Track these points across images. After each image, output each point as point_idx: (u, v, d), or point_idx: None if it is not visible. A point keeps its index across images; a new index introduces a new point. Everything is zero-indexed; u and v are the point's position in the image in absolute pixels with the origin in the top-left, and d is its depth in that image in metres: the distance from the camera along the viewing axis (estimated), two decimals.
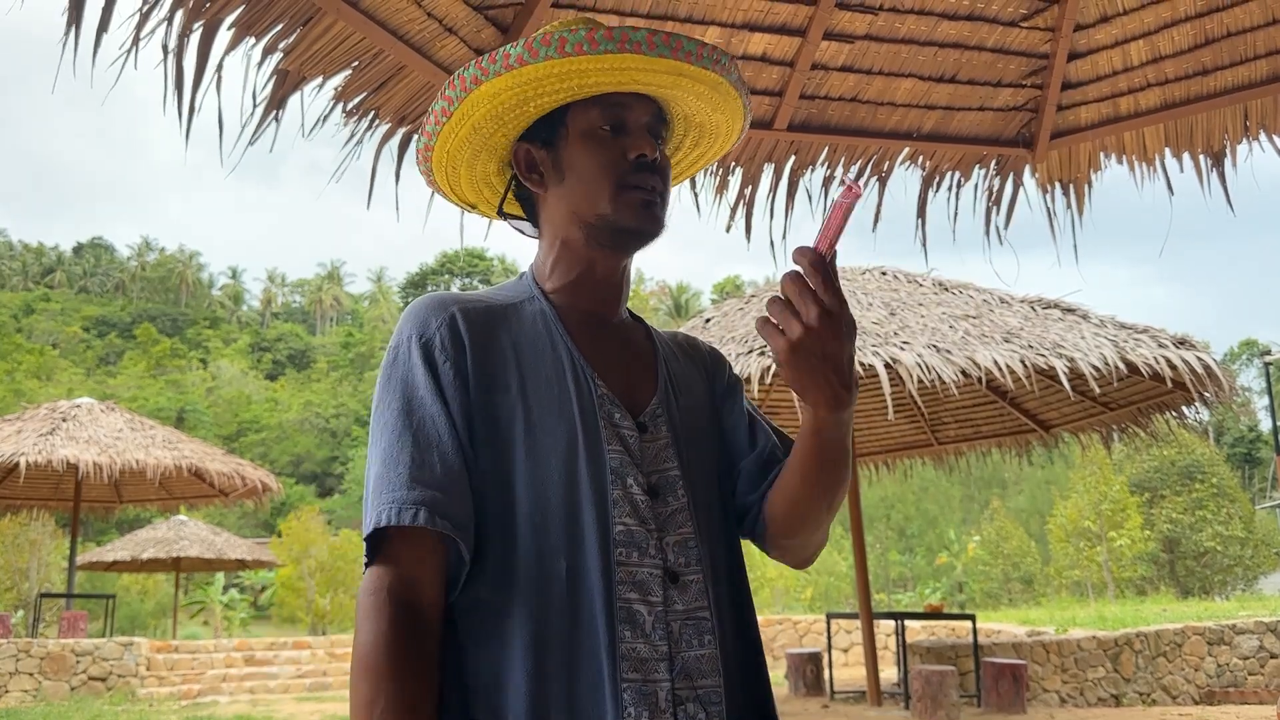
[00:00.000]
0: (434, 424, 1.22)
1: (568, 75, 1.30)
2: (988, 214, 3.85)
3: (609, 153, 1.33)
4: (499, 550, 1.21)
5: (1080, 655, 11.01)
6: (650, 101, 1.37)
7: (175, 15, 2.56)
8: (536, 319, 1.33)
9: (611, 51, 1.26)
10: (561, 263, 1.38)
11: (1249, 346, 74.28)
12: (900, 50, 3.48)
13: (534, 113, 1.36)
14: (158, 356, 72.08)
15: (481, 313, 1.30)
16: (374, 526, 1.17)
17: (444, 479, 1.20)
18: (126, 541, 21.97)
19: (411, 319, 1.29)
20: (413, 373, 1.25)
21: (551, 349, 1.31)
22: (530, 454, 1.24)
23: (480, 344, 1.27)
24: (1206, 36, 3.53)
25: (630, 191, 1.32)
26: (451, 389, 1.24)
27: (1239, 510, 33.16)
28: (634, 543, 1.25)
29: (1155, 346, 7.33)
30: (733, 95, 1.38)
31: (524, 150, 1.40)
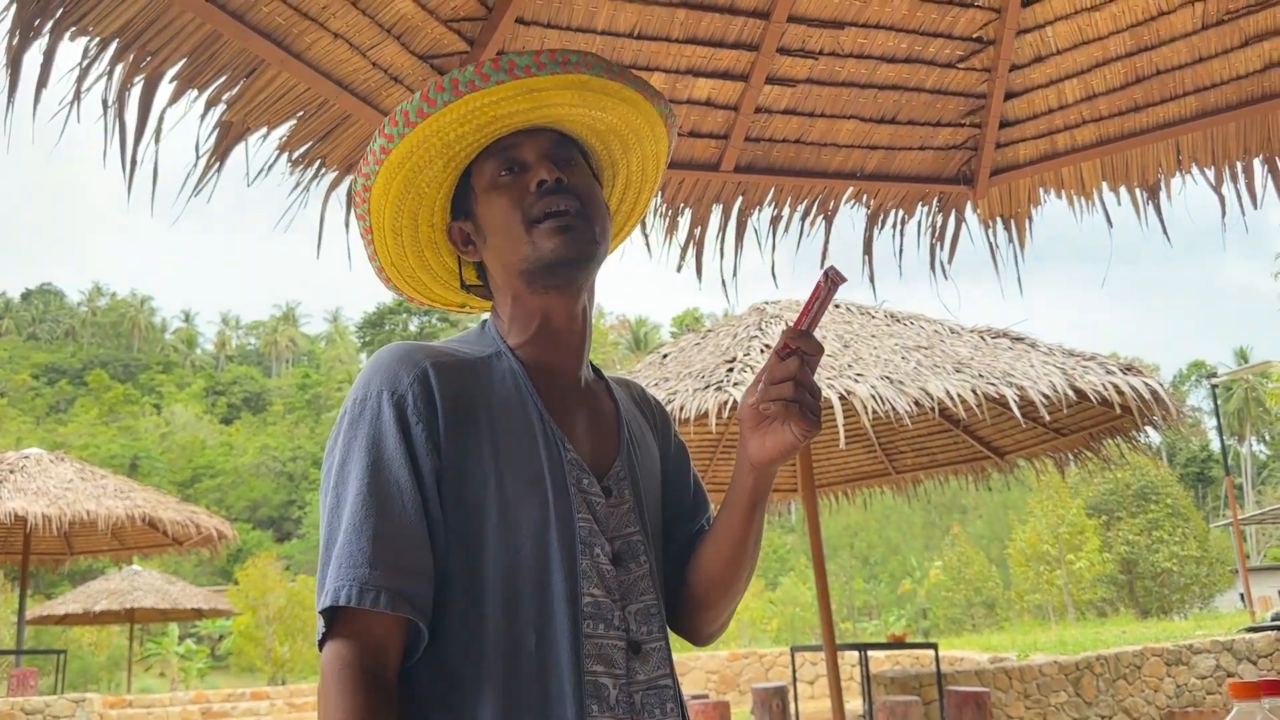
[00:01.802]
0: (401, 493, 1.18)
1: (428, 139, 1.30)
2: (932, 250, 3.91)
3: (512, 195, 1.32)
4: (465, 617, 1.19)
5: (1042, 680, 11.09)
6: (544, 132, 1.36)
7: (115, 69, 2.55)
8: (506, 377, 1.30)
9: (449, 102, 1.26)
10: (518, 318, 1.36)
11: (1197, 368, 75.72)
12: (841, 93, 3.55)
13: (430, 191, 1.36)
14: (110, 403, 70.86)
15: (454, 369, 1.26)
16: (332, 603, 1.14)
17: (408, 558, 1.17)
18: (78, 594, 21.47)
19: (381, 371, 1.24)
20: (382, 432, 1.20)
21: (522, 410, 1.28)
22: (502, 521, 1.21)
23: (453, 404, 1.23)
24: (1137, 75, 3.63)
25: (543, 224, 1.30)
26: (423, 451, 1.20)
27: (1194, 530, 33.69)
28: (600, 615, 1.24)
29: (1103, 373, 7.46)
30: (611, 87, 1.34)
31: (455, 229, 1.40)
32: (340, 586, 1.14)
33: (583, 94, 1.33)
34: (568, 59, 1.29)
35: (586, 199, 1.33)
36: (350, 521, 1.17)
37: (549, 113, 1.34)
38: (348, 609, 1.14)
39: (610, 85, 1.34)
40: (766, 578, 40.41)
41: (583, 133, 1.41)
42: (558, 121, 1.36)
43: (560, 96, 1.32)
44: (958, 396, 7.07)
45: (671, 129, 1.46)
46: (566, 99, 1.33)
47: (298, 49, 2.76)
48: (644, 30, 3.21)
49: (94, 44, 2.48)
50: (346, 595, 1.13)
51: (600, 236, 1.33)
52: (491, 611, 1.19)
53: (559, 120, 1.36)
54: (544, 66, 1.28)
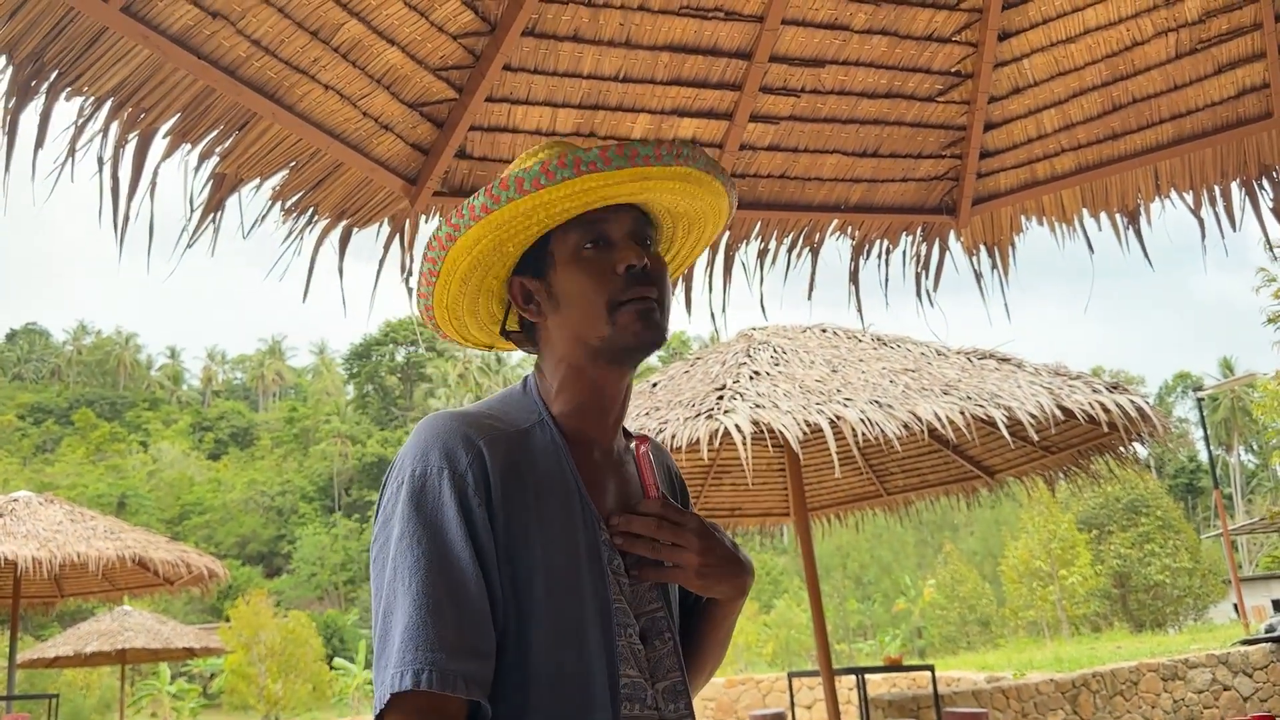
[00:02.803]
0: (466, 576, 1.19)
1: (534, 210, 1.31)
2: (917, 278, 3.97)
3: (598, 271, 1.33)
4: (515, 699, 1.21)
5: (1039, 699, 11.09)
6: (629, 209, 1.37)
7: (110, 127, 2.59)
8: (549, 451, 1.31)
9: (569, 178, 1.27)
10: (568, 386, 1.36)
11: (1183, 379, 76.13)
12: (824, 129, 3.60)
13: (514, 252, 1.37)
14: (97, 442, 70.43)
15: (503, 445, 1.27)
16: (413, 686, 1.13)
17: (478, 642, 1.18)
18: (69, 636, 21.23)
19: (438, 445, 1.25)
20: (443, 512, 1.21)
21: (563, 489, 1.30)
22: (548, 603, 1.23)
23: (504, 486, 1.24)
24: (1114, 103, 3.70)
25: (626, 307, 1.31)
26: (484, 533, 1.21)
27: (1185, 541, 33.77)
28: (635, 695, 1.27)
29: (1089, 392, 7.51)
30: (705, 179, 1.38)
31: (518, 284, 1.39)
32: (420, 670, 1.13)
33: (684, 185, 1.36)
34: (680, 152, 1.32)
35: (663, 286, 1.36)
36: (419, 602, 1.16)
37: (646, 196, 1.37)
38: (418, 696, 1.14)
39: (706, 178, 1.37)
40: (761, 600, 40.30)
41: (660, 212, 1.44)
42: (644, 201, 1.39)
43: (665, 185, 1.35)
44: (946, 418, 7.11)
45: (733, 213, 1.50)
46: (670, 188, 1.36)
47: (289, 101, 2.80)
48: (629, 74, 3.27)
49: (89, 103, 2.51)
50: (428, 680, 1.13)
51: (667, 323, 1.37)
52: (537, 696, 1.21)
53: (646, 201, 1.39)
54: (661, 158, 1.30)
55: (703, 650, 1.48)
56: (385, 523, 1.25)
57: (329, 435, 75.39)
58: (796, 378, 8.10)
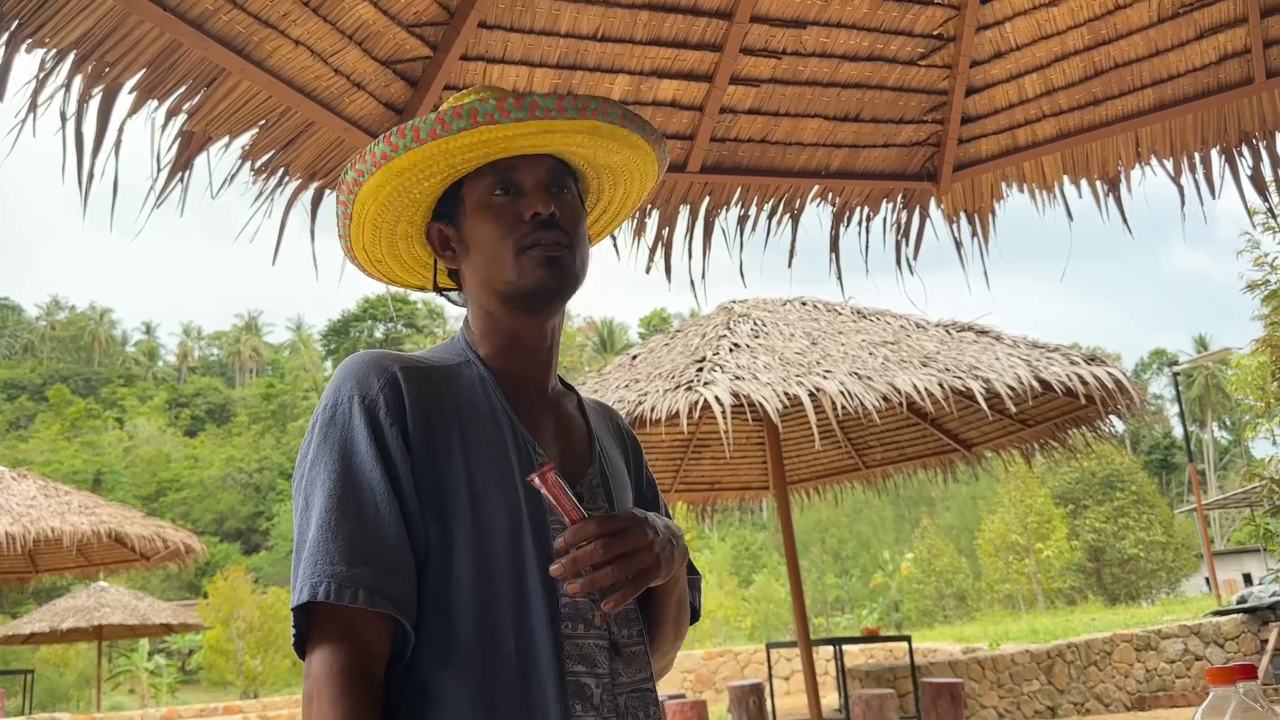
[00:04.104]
0: (375, 494, 1.18)
1: (433, 159, 1.31)
2: (897, 246, 3.94)
3: (504, 218, 1.34)
4: (439, 623, 1.19)
5: (1014, 670, 11.20)
6: (545, 158, 1.37)
7: (73, 81, 2.52)
8: (475, 384, 1.32)
9: (465, 129, 1.27)
10: (489, 331, 1.38)
11: (1159, 356, 76.83)
12: (805, 92, 3.56)
13: (423, 198, 1.37)
14: (72, 418, 69.81)
15: (423, 374, 1.28)
16: (309, 599, 1.13)
17: (387, 557, 1.17)
18: (44, 612, 21.14)
19: (351, 376, 1.25)
20: (353, 434, 1.21)
21: (492, 416, 1.30)
22: (474, 524, 1.21)
23: (423, 407, 1.24)
24: (1096, 68, 3.67)
25: (531, 252, 1.32)
26: (398, 454, 1.21)
27: (1159, 516, 34.17)
28: (579, 615, 1.25)
29: (1067, 364, 7.54)
30: (620, 133, 1.38)
31: (435, 230, 1.41)
32: (317, 582, 1.13)
33: (594, 138, 1.36)
34: (587, 105, 1.31)
35: (574, 232, 1.36)
36: (322, 520, 1.16)
37: (555, 149, 1.37)
38: (328, 608, 1.14)
39: (620, 131, 1.37)
40: (740, 575, 40.53)
41: (579, 163, 1.44)
42: (559, 151, 1.39)
43: (573, 139, 1.35)
44: (925, 391, 7.12)
45: (663, 169, 1.50)
46: (578, 141, 1.36)
47: (258, 57, 2.73)
48: (607, 32, 3.21)
49: (51, 55, 2.44)
50: (325, 591, 1.13)
51: (580, 269, 1.37)
52: (464, 616, 1.19)
53: (560, 152, 1.39)
54: (564, 110, 1.30)
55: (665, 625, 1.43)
56: (302, 459, 1.25)
57: (307, 411, 75.04)
58: (776, 350, 8.09)
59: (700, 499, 11.43)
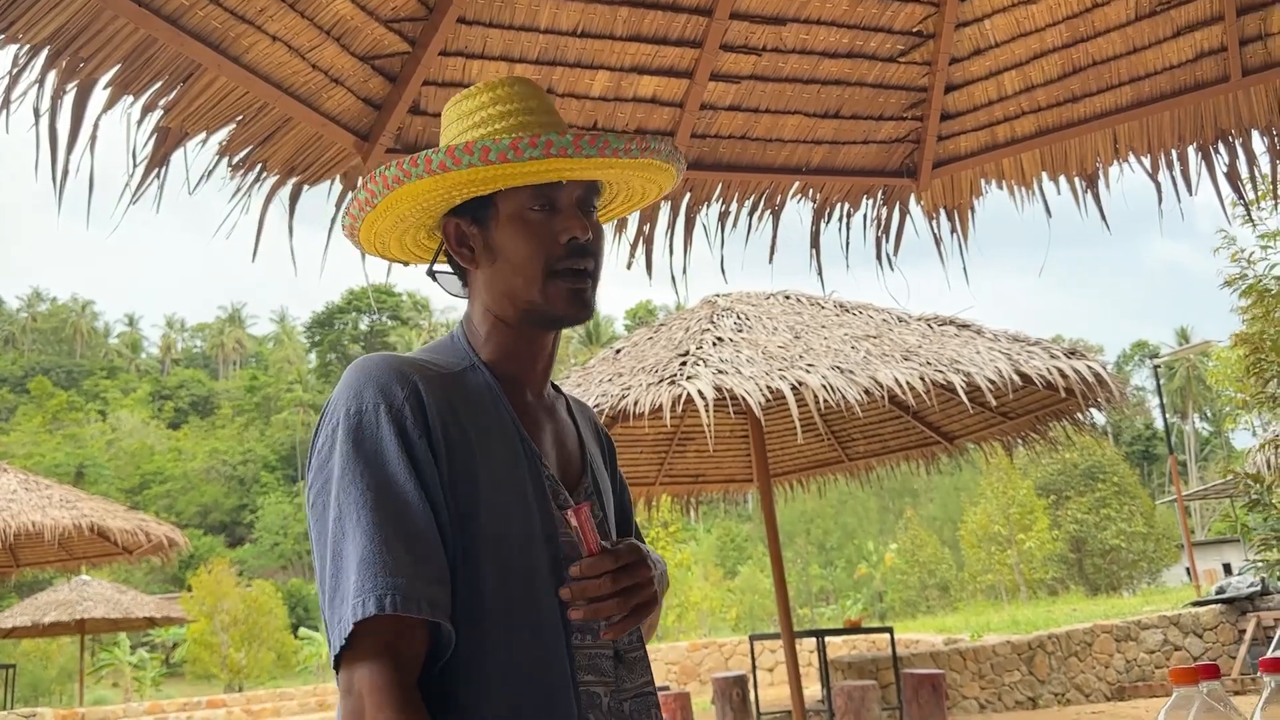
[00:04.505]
0: (410, 504, 1.18)
1: (494, 178, 1.30)
2: (878, 242, 3.95)
3: (540, 236, 1.32)
4: (464, 635, 1.20)
5: (996, 660, 11.27)
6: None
7: (47, 77, 2.50)
8: (483, 391, 1.31)
9: (536, 158, 1.26)
10: (495, 336, 1.37)
11: (1140, 348, 77.28)
12: (785, 89, 3.57)
13: (459, 199, 1.36)
14: (53, 410, 69.32)
15: (440, 383, 1.27)
16: (375, 611, 1.11)
17: (433, 565, 1.17)
18: (26, 606, 21.02)
19: (373, 384, 1.23)
20: (383, 445, 1.19)
21: (500, 426, 1.30)
22: (492, 536, 1.22)
23: (443, 420, 1.24)
24: (1074, 66, 3.69)
25: (561, 279, 1.32)
26: (426, 467, 1.20)
27: (1140, 507, 34.39)
28: (586, 626, 1.27)
29: (1047, 358, 7.58)
30: (664, 167, 1.40)
31: (454, 225, 1.38)
32: (382, 594, 1.11)
33: (644, 171, 1.39)
34: (648, 145, 1.34)
35: (599, 259, 1.38)
36: (369, 533, 1.15)
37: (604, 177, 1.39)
38: (376, 621, 1.12)
39: (665, 166, 1.40)
40: (725, 566, 40.62)
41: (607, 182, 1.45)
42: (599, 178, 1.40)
43: (627, 173, 1.38)
44: (907, 384, 7.15)
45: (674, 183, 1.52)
46: (629, 175, 1.39)
47: (235, 52, 2.72)
48: (587, 28, 3.21)
49: (24, 50, 2.42)
50: (392, 603, 1.11)
51: (595, 299, 1.38)
52: (490, 631, 1.20)
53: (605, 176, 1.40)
54: (629, 152, 1.32)
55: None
56: (323, 465, 1.22)
57: (291, 404, 74.74)
58: (759, 344, 8.10)
59: (685, 492, 11.44)
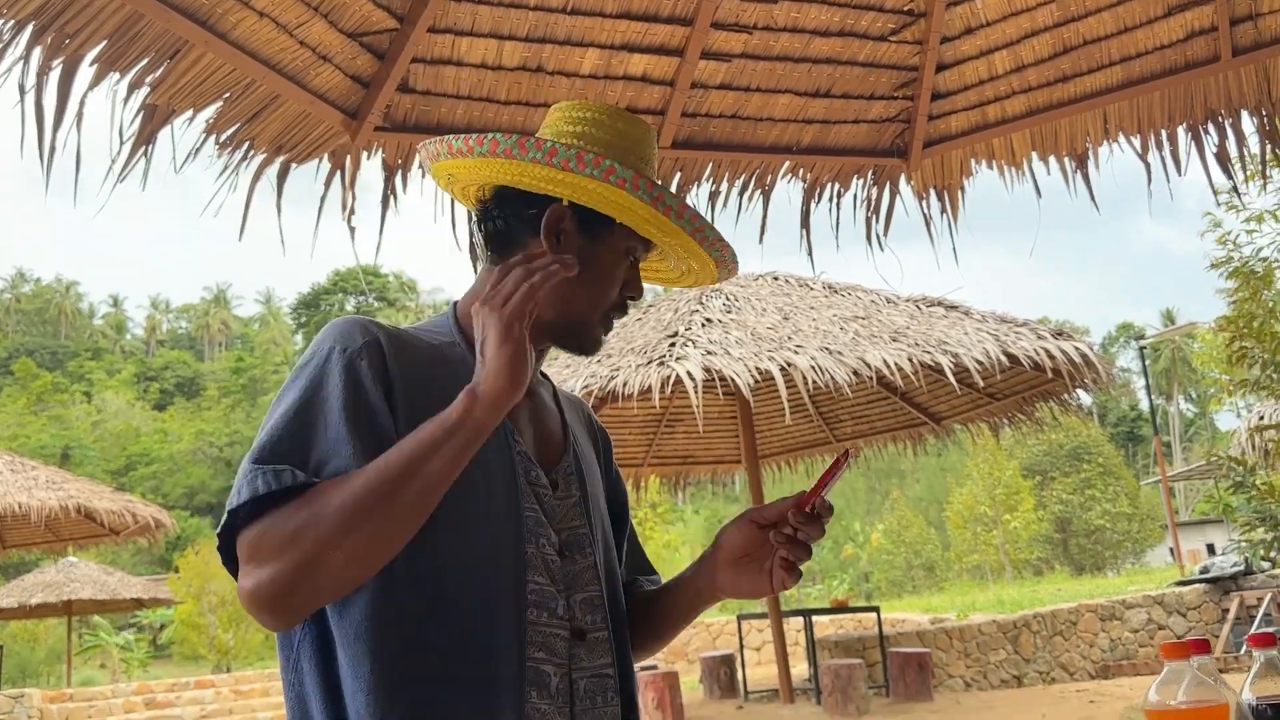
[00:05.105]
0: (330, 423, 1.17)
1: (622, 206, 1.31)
2: (868, 222, 3.95)
3: (620, 279, 1.37)
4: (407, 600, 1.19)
5: (981, 639, 11.36)
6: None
7: (33, 53, 2.47)
8: (459, 366, 1.29)
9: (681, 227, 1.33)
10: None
11: (1126, 330, 77.61)
12: (776, 67, 3.55)
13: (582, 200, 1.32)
14: (38, 392, 68.95)
15: (404, 344, 1.27)
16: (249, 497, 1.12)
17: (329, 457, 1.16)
18: (12, 587, 20.97)
19: (335, 333, 1.24)
20: (326, 376, 1.20)
21: None
22: (452, 502, 1.19)
23: (403, 376, 1.23)
24: (1065, 45, 3.68)
25: (605, 324, 1.38)
26: (377, 405, 1.19)
27: (1125, 487, 34.63)
28: (544, 603, 1.26)
29: (1034, 339, 7.62)
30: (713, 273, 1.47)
31: (563, 213, 1.32)
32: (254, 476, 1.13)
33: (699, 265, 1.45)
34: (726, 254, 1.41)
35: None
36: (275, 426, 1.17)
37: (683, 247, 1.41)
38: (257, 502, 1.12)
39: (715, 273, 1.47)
40: None
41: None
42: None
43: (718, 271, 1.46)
44: (895, 366, 7.17)
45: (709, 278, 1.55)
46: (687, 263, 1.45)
47: (222, 29, 2.69)
48: (577, 5, 3.18)
49: (9, 26, 2.39)
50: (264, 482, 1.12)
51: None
52: (435, 595, 1.19)
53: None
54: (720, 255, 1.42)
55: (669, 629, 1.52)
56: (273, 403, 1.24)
57: (277, 385, 74.41)
58: (748, 325, 8.11)
59: (673, 473, 11.46)
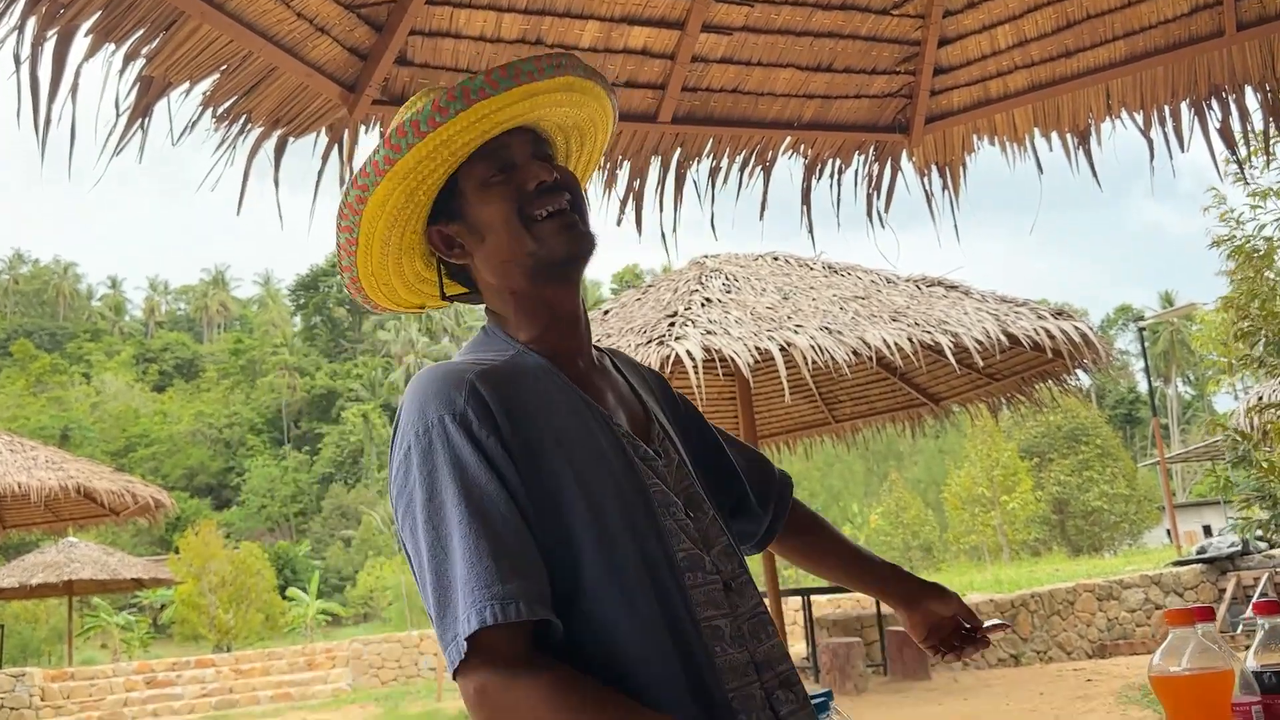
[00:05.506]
0: (498, 506, 1.19)
1: (435, 151, 1.31)
2: (869, 199, 3.93)
3: (510, 193, 1.35)
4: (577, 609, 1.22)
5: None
6: (524, 131, 1.39)
7: (27, 23, 2.44)
8: (538, 374, 1.32)
9: (462, 110, 1.28)
10: (524, 312, 1.38)
11: (1124, 312, 77.61)
12: (777, 41, 3.52)
13: (425, 200, 1.37)
14: (37, 373, 68.96)
15: (493, 377, 1.27)
16: (479, 625, 1.12)
17: (527, 563, 1.18)
18: (13, 568, 21.03)
19: (434, 397, 1.24)
20: (459, 454, 1.20)
21: (565, 401, 1.32)
22: (587, 506, 1.24)
23: (506, 409, 1.25)
24: (1068, 19, 3.65)
25: (546, 222, 1.34)
26: (500, 461, 1.21)
27: (1122, 469, 34.71)
28: (695, 565, 1.31)
29: (1034, 319, 7.60)
30: (587, 86, 1.41)
31: (436, 233, 1.40)
32: (482, 607, 1.13)
33: (569, 94, 1.40)
34: (559, 62, 1.35)
35: (577, 193, 1.40)
36: (464, 546, 1.16)
37: (537, 114, 1.40)
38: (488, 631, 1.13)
39: (588, 84, 1.41)
40: None
41: (551, 129, 1.46)
42: (536, 121, 1.42)
43: (553, 99, 1.38)
44: (894, 345, 7.16)
45: (616, 120, 1.54)
46: (556, 100, 1.39)
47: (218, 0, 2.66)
48: None
49: None
50: (491, 613, 1.12)
51: (592, 230, 1.40)
52: (603, 593, 1.22)
53: (538, 120, 1.42)
54: (543, 71, 1.33)
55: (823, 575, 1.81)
56: (401, 491, 1.24)
57: (276, 367, 74.50)
58: (748, 305, 8.09)
59: None
